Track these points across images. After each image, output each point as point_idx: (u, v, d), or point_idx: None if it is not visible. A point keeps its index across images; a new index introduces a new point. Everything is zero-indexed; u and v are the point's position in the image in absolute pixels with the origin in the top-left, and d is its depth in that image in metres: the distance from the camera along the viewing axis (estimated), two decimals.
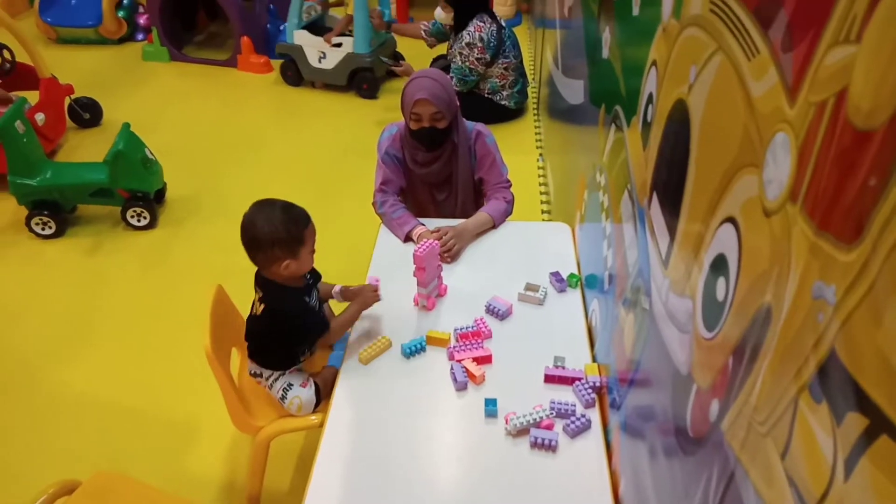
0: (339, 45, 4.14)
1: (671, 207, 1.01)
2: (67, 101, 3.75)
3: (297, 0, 4.16)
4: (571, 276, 1.81)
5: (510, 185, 2.14)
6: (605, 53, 1.70)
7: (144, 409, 2.17)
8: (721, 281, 0.79)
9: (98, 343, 2.45)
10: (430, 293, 1.74)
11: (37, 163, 2.89)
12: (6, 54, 3.62)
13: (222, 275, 1.92)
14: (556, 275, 1.82)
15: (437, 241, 1.72)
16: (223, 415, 1.66)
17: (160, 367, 2.33)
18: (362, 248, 2.07)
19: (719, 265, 0.80)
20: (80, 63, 4.71)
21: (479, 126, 2.14)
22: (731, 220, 0.78)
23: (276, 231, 1.46)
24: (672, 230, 1.00)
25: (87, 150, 3.64)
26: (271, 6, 4.89)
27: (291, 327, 1.57)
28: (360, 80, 4.21)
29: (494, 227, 2.05)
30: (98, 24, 4.87)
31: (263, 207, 1.49)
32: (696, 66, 0.93)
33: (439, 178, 2.13)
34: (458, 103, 2.04)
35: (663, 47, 1.11)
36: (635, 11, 1.35)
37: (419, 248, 1.64)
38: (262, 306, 1.57)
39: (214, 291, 1.74)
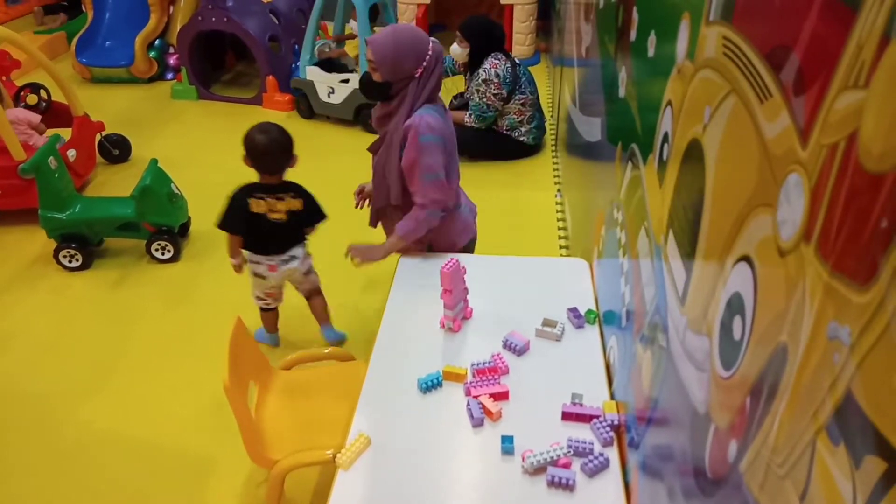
0: (346, 81, 4.26)
1: (687, 245, 1.02)
2: (98, 137, 3.88)
3: (310, 37, 4.31)
4: (589, 312, 1.81)
5: (424, 205, 1.97)
6: (622, 92, 1.72)
7: (164, 443, 2.18)
8: (737, 319, 0.79)
9: (120, 376, 2.48)
10: (457, 315, 1.76)
11: (67, 197, 2.98)
12: (43, 94, 3.77)
13: (242, 308, 1.95)
14: (573, 311, 1.82)
15: (459, 262, 1.72)
16: (241, 449, 1.67)
17: (180, 400, 2.35)
18: (377, 278, 2.09)
19: (735, 304, 0.80)
20: (112, 101, 4.87)
21: (425, 117, 1.91)
22: (746, 258, 0.78)
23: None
24: (688, 268, 1.01)
25: (115, 184, 3.75)
26: (296, 47, 5.04)
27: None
28: (366, 115, 4.33)
29: (390, 251, 2.06)
30: (130, 64, 5.06)
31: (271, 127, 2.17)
32: (710, 107, 0.94)
33: (377, 161, 2.07)
34: (419, 82, 1.91)
35: (678, 88, 1.13)
36: (650, 53, 1.38)
37: (445, 265, 1.66)
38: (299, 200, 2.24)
39: (234, 325, 1.76)
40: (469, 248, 2.27)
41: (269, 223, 2.21)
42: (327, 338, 2.51)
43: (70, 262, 3.02)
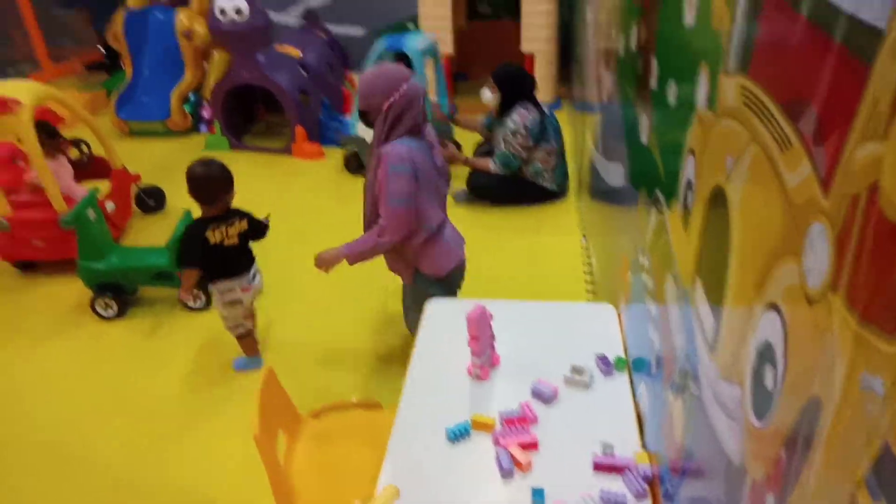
0: None
1: (715, 292, 1.02)
2: (134, 188, 4.02)
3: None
4: (618, 359, 1.79)
5: (382, 229, 2.17)
6: (644, 139, 1.74)
7: (195, 491, 2.18)
8: (768, 368, 0.79)
9: (152, 424, 2.51)
10: (484, 362, 1.75)
11: (105, 248, 3.08)
12: (84, 148, 3.94)
13: (271, 356, 1.97)
14: (602, 357, 1.80)
15: (486, 308, 1.73)
16: (270, 499, 1.66)
17: (211, 448, 2.36)
18: (392, 317, 2.10)
19: (766, 352, 0.80)
20: (149, 153, 5.06)
21: (396, 146, 2.12)
22: (774, 306, 0.78)
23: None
24: (717, 314, 1.00)
25: (150, 234, 3.86)
26: (325, 99, 5.21)
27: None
28: None
29: (348, 261, 2.23)
30: (166, 118, 5.27)
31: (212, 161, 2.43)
32: (732, 156, 0.95)
33: (367, 180, 2.24)
34: (387, 115, 2.11)
35: (699, 136, 1.15)
36: (671, 101, 1.41)
37: (472, 311, 1.67)
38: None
39: (264, 375, 1.78)
40: (456, 273, 2.44)
41: (225, 249, 2.44)
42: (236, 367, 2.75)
43: (106, 310, 3.09)
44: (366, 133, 4.41)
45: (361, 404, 2.04)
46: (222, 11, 4.43)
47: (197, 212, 2.49)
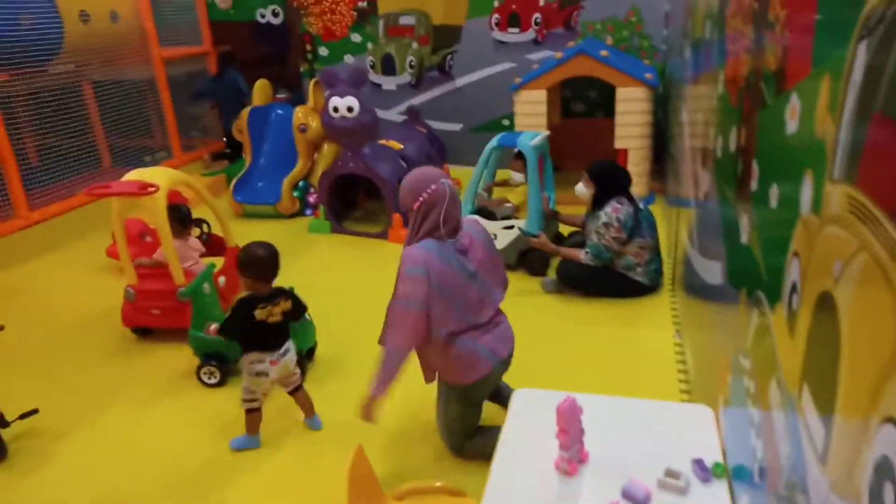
0: (510, 227, 4.36)
1: (824, 400, 0.98)
2: None
3: (472, 188, 4.46)
4: (716, 465, 1.70)
5: (384, 336, 2.26)
6: (744, 239, 1.73)
7: None
8: (888, 486, 0.75)
9: (239, 495, 2.58)
10: (572, 457, 1.71)
11: (215, 320, 3.31)
12: (205, 227, 4.34)
13: (363, 435, 2.02)
14: (699, 462, 1.72)
15: (576, 400, 1.72)
16: None
17: None
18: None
19: (884, 468, 0.76)
20: (258, 234, 5.40)
21: (413, 249, 2.22)
22: (892, 420, 0.75)
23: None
24: (827, 425, 0.96)
25: None
26: None
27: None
28: (529, 259, 4.35)
29: (381, 394, 2.23)
30: (277, 202, 5.71)
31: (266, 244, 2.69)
32: (840, 262, 0.95)
33: None
34: (416, 215, 2.24)
35: (804, 239, 1.15)
36: (773, 204, 1.41)
37: (562, 403, 1.66)
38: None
39: (354, 452, 1.82)
40: (480, 386, 2.40)
41: (268, 325, 2.62)
42: (313, 427, 2.89)
43: (210, 378, 3.28)
44: None
45: (446, 490, 2.03)
46: (335, 109, 4.85)
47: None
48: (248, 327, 2.61)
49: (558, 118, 6.22)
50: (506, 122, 6.40)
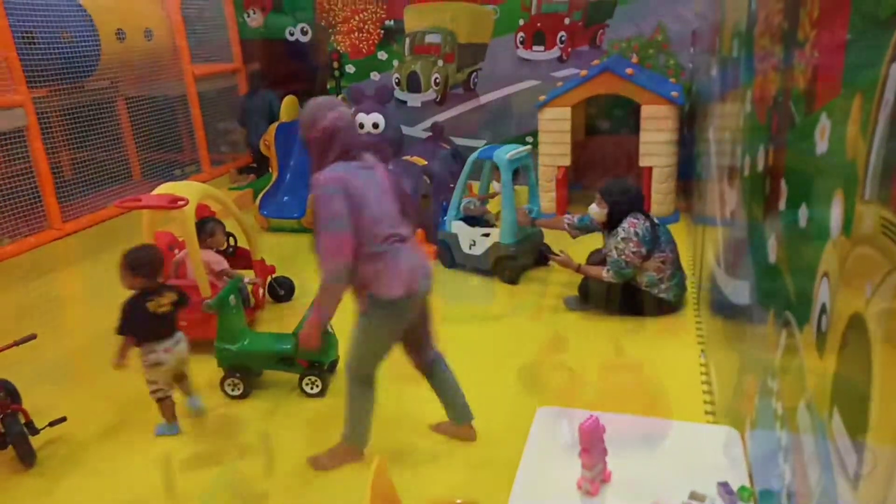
0: (487, 234, 4.55)
1: (856, 424, 0.97)
2: (269, 279, 4.39)
3: (457, 196, 4.73)
4: (743, 488, 1.67)
5: (320, 264, 2.26)
6: (772, 259, 1.71)
7: None
8: None
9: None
10: (595, 477, 1.70)
11: (240, 332, 3.35)
12: (231, 241, 4.40)
13: (384, 447, 2.02)
14: (724, 486, 1.69)
15: (599, 419, 1.70)
16: None
17: None
18: (516, 425, 2.08)
19: None
20: (283, 248, 5.52)
21: (325, 172, 2.25)
22: None
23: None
24: (859, 449, 0.95)
25: (279, 322, 4.14)
26: (445, 203, 5.51)
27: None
28: (503, 266, 4.54)
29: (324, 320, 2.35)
30: (301, 217, 5.78)
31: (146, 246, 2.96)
32: (871, 283, 0.94)
33: None
34: (323, 139, 2.27)
35: (834, 261, 1.13)
36: (802, 224, 1.40)
37: (585, 422, 1.65)
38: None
39: (375, 464, 1.83)
40: (408, 304, 2.38)
41: (157, 316, 2.86)
42: (193, 406, 3.13)
43: (233, 390, 3.32)
44: (458, 230, 4.62)
45: None
46: (361, 125, 4.92)
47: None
48: (143, 320, 2.85)
49: (583, 136, 6.22)
50: (529, 140, 6.42)
